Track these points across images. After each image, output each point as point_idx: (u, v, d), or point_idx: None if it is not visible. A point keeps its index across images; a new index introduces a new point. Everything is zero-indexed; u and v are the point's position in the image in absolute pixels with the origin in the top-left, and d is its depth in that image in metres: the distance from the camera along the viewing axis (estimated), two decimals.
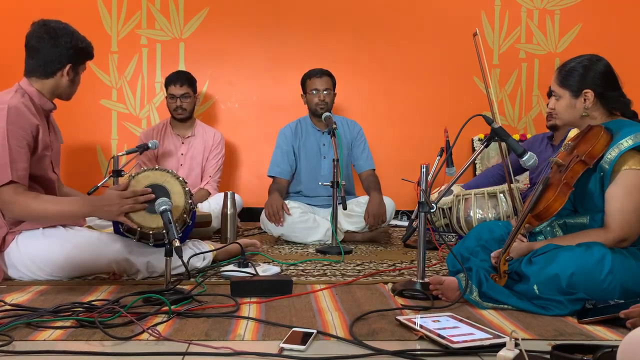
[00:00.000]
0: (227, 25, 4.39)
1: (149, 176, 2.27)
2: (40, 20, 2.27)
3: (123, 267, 2.27)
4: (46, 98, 2.30)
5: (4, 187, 2.09)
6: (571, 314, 1.87)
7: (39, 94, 2.27)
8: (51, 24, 2.26)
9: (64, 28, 2.27)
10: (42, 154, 2.25)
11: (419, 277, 2.15)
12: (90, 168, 4.30)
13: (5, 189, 2.09)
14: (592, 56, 2.14)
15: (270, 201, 3.45)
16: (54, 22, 2.27)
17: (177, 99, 3.82)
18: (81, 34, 2.32)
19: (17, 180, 2.10)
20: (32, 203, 2.12)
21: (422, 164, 2.14)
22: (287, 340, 1.56)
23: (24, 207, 2.11)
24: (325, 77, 3.57)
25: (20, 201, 2.10)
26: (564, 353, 1.37)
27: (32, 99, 2.25)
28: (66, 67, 2.27)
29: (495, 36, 4.49)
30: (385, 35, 4.44)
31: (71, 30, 2.28)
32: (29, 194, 2.14)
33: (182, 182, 2.31)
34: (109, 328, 1.64)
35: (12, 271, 2.24)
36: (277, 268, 2.49)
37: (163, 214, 1.99)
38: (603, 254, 1.90)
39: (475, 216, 3.28)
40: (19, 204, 2.10)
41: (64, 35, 2.24)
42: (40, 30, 2.24)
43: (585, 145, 2.04)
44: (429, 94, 4.48)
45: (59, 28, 2.25)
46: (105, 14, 4.32)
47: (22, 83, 2.28)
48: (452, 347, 1.52)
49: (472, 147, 4.44)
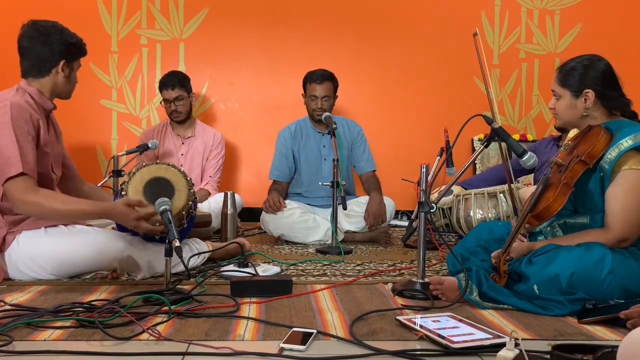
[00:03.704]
0: (227, 25, 4.38)
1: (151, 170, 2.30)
2: (30, 20, 2.29)
3: (125, 265, 2.27)
4: (46, 97, 2.31)
5: (15, 179, 2.08)
6: (571, 314, 1.87)
7: (39, 93, 2.29)
8: (40, 23, 2.28)
9: (53, 26, 2.29)
10: (43, 151, 2.26)
11: (419, 277, 2.15)
12: (90, 168, 4.29)
13: (15, 181, 2.08)
14: (593, 56, 2.14)
15: (269, 197, 3.50)
16: (43, 21, 2.29)
17: (171, 103, 3.80)
18: (71, 31, 2.34)
19: (28, 172, 2.10)
20: (46, 201, 2.11)
21: (422, 164, 2.14)
22: (287, 340, 1.56)
23: (36, 203, 2.10)
24: (326, 83, 3.51)
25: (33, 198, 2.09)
26: (564, 353, 1.37)
27: (32, 97, 2.27)
28: (60, 64, 2.29)
29: (495, 36, 4.49)
30: (385, 35, 4.44)
31: (60, 27, 2.30)
32: (42, 191, 2.13)
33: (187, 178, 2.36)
34: (109, 328, 1.64)
35: (12, 271, 2.23)
36: (277, 268, 2.49)
37: (163, 214, 1.99)
38: (603, 254, 1.89)
39: (475, 216, 3.28)
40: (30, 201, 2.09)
41: (53, 33, 2.27)
42: (30, 30, 2.27)
43: (585, 145, 2.04)
44: (429, 93, 4.47)
45: (48, 26, 2.28)
46: (105, 14, 4.32)
47: (21, 84, 2.30)
48: (452, 347, 1.52)
49: (472, 147, 4.44)
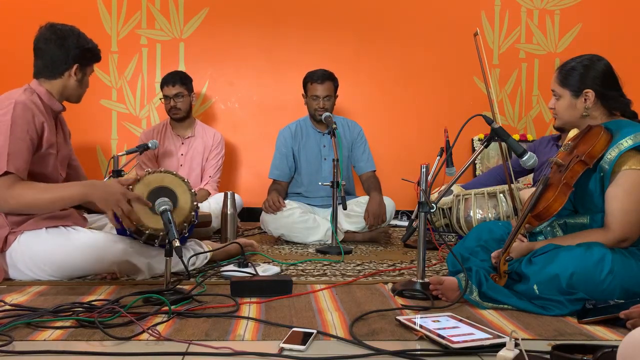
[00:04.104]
0: (227, 25, 4.39)
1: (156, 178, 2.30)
2: (48, 23, 2.35)
3: (125, 268, 2.27)
4: (55, 99, 2.33)
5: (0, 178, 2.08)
6: (571, 314, 1.87)
7: (48, 94, 2.32)
8: (58, 26, 2.34)
9: (71, 30, 2.35)
10: (46, 153, 2.26)
11: (419, 277, 2.15)
12: (91, 168, 4.29)
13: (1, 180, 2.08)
14: (593, 56, 2.14)
15: (268, 197, 3.51)
16: (61, 25, 2.35)
17: (171, 100, 3.81)
18: (88, 37, 2.39)
19: (14, 172, 2.10)
20: (26, 192, 2.11)
21: (422, 164, 2.14)
22: (287, 340, 1.56)
23: (16, 197, 2.10)
24: (327, 83, 3.52)
25: (13, 192, 2.09)
26: (564, 353, 1.37)
27: (41, 98, 2.29)
28: (73, 68, 2.33)
29: (495, 36, 4.49)
30: (385, 35, 4.44)
31: (77, 32, 2.36)
32: (23, 184, 2.13)
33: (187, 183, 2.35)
34: (109, 328, 1.64)
35: (13, 271, 2.23)
36: (277, 268, 2.49)
37: (163, 214, 1.99)
38: (603, 254, 1.89)
39: (475, 216, 3.28)
40: (11, 195, 2.09)
41: (70, 36, 2.32)
42: (47, 32, 2.32)
43: (585, 145, 2.04)
44: (429, 93, 4.48)
45: (65, 30, 2.34)
46: (105, 14, 4.32)
47: (31, 84, 2.33)
48: (452, 347, 1.51)
49: (472, 147, 4.44)
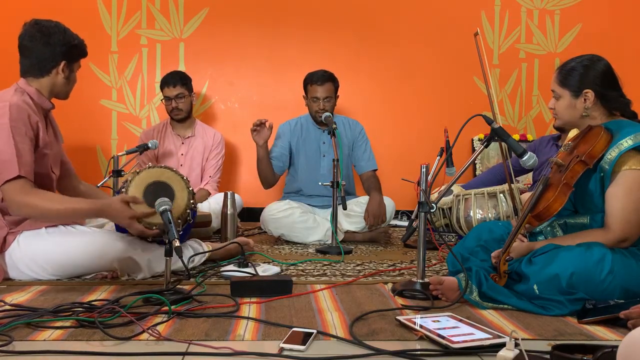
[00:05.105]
0: (227, 25, 4.38)
1: (152, 174, 2.28)
2: (32, 20, 2.29)
3: (125, 265, 2.27)
4: (44, 97, 2.30)
5: (12, 182, 2.07)
6: (571, 314, 1.87)
7: (38, 93, 2.28)
8: (42, 22, 2.27)
9: (56, 26, 2.28)
10: (42, 152, 2.25)
11: (419, 277, 2.15)
12: (90, 168, 4.29)
13: (12, 184, 2.07)
14: (593, 56, 2.14)
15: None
16: (46, 21, 2.28)
17: (172, 101, 3.80)
18: (73, 32, 2.33)
19: (25, 176, 2.09)
20: (41, 202, 2.10)
21: (422, 164, 2.14)
22: (287, 340, 1.56)
23: (31, 206, 2.09)
24: (327, 84, 3.52)
25: (28, 201, 2.08)
26: (564, 353, 1.37)
27: (31, 97, 2.25)
28: (60, 65, 2.28)
29: (495, 36, 4.49)
30: (385, 35, 4.44)
31: (63, 28, 2.30)
32: (36, 193, 2.12)
33: (186, 180, 2.35)
34: (109, 328, 1.64)
35: (12, 271, 2.23)
36: (277, 268, 2.49)
37: (163, 214, 1.99)
38: (603, 254, 1.89)
39: (475, 216, 3.28)
40: (26, 203, 2.08)
41: (56, 33, 2.26)
42: (32, 30, 2.25)
43: (585, 145, 2.04)
44: (429, 93, 4.47)
45: (50, 26, 2.27)
46: (105, 14, 4.32)
47: (20, 83, 2.28)
48: (452, 347, 1.51)
49: (472, 147, 4.44)
